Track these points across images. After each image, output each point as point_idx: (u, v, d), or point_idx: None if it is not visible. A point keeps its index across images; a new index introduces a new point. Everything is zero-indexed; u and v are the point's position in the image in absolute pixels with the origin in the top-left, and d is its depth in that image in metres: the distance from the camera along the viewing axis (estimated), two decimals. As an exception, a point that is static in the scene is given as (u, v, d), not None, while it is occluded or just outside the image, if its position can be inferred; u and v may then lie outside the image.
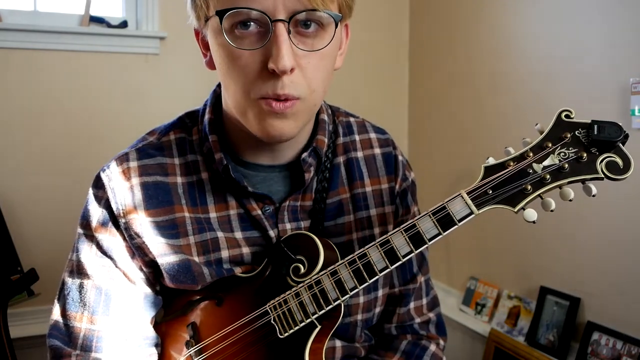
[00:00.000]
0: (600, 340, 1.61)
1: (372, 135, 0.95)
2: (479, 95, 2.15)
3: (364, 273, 0.74)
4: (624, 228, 1.59)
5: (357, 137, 0.94)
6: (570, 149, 0.70)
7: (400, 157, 0.96)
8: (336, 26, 0.73)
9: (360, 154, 0.93)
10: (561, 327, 1.75)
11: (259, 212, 0.84)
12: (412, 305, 0.96)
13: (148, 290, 0.85)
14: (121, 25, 2.12)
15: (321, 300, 0.76)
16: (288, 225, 0.85)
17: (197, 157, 0.85)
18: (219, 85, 0.88)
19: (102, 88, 2.07)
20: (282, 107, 0.71)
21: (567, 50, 1.75)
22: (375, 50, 2.54)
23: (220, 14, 0.69)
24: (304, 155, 0.84)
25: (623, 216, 1.59)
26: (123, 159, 0.83)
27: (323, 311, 0.76)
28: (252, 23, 0.70)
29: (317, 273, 0.77)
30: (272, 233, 0.84)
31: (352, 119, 0.96)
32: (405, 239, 0.73)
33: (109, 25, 2.10)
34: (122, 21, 2.13)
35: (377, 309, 0.92)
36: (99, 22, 2.10)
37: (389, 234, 0.74)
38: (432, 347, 0.95)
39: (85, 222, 0.83)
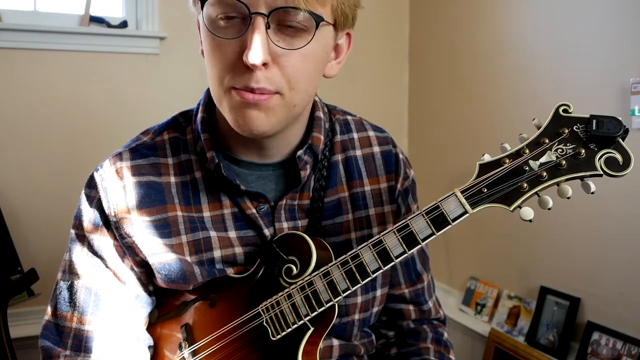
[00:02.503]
0: (600, 340, 1.61)
1: (371, 134, 0.94)
2: (479, 95, 2.15)
3: (357, 274, 0.73)
4: (624, 228, 1.58)
5: (355, 135, 0.93)
6: (568, 144, 0.68)
7: (400, 155, 0.95)
8: (316, 27, 0.70)
9: (358, 152, 0.92)
10: (561, 327, 1.74)
11: (254, 210, 0.83)
12: (430, 303, 0.98)
13: (140, 290, 0.84)
14: (121, 25, 2.12)
15: (313, 302, 0.75)
16: (285, 224, 0.85)
17: (191, 156, 0.85)
18: None
19: (102, 88, 2.07)
20: (256, 98, 0.70)
21: (567, 51, 1.75)
22: (376, 51, 2.54)
23: (202, 1, 0.70)
24: (299, 152, 0.83)
25: (623, 216, 1.58)
26: (116, 158, 0.83)
27: (315, 313, 0.75)
28: (235, 15, 0.70)
29: (310, 274, 0.76)
30: (267, 232, 0.84)
31: (349, 117, 0.95)
32: (398, 239, 0.71)
33: (109, 25, 2.10)
34: (122, 21, 2.13)
35: (375, 309, 0.92)
36: (99, 22, 2.10)
37: (382, 234, 0.73)
38: (446, 334, 0.98)
39: (78, 222, 0.83)
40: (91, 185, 0.83)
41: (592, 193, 0.68)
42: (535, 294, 1.88)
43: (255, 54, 0.67)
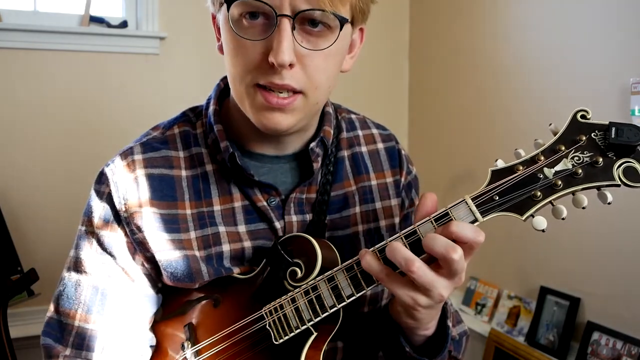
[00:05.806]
0: (600, 340, 1.61)
1: (375, 131, 0.97)
2: (479, 95, 2.15)
3: (362, 280, 0.71)
4: (624, 228, 1.59)
5: (360, 133, 0.95)
6: (585, 152, 0.64)
7: (403, 152, 0.97)
8: (341, 29, 0.73)
9: (364, 149, 0.94)
10: (561, 327, 1.75)
11: (264, 203, 0.83)
12: None
13: (148, 288, 0.84)
14: (121, 25, 2.12)
15: (317, 307, 0.73)
16: (294, 218, 0.85)
17: (202, 149, 0.85)
18: (222, 79, 0.89)
19: (102, 88, 2.06)
20: (280, 103, 0.72)
21: (567, 50, 1.75)
22: (375, 50, 2.54)
23: (228, 2, 0.70)
24: (312, 145, 0.84)
25: (623, 216, 1.58)
26: (127, 152, 0.83)
27: (319, 318, 0.74)
28: (259, 14, 0.71)
29: (314, 278, 0.75)
30: (278, 224, 0.83)
31: (353, 116, 0.98)
32: (406, 245, 0.69)
33: (109, 25, 2.10)
34: (122, 21, 2.13)
35: (384, 302, 0.91)
36: (99, 22, 2.10)
37: (389, 239, 0.70)
38: None
39: (87, 218, 0.82)
40: (101, 180, 0.83)
41: (609, 203, 0.64)
42: (535, 294, 1.88)
43: (282, 55, 0.68)
